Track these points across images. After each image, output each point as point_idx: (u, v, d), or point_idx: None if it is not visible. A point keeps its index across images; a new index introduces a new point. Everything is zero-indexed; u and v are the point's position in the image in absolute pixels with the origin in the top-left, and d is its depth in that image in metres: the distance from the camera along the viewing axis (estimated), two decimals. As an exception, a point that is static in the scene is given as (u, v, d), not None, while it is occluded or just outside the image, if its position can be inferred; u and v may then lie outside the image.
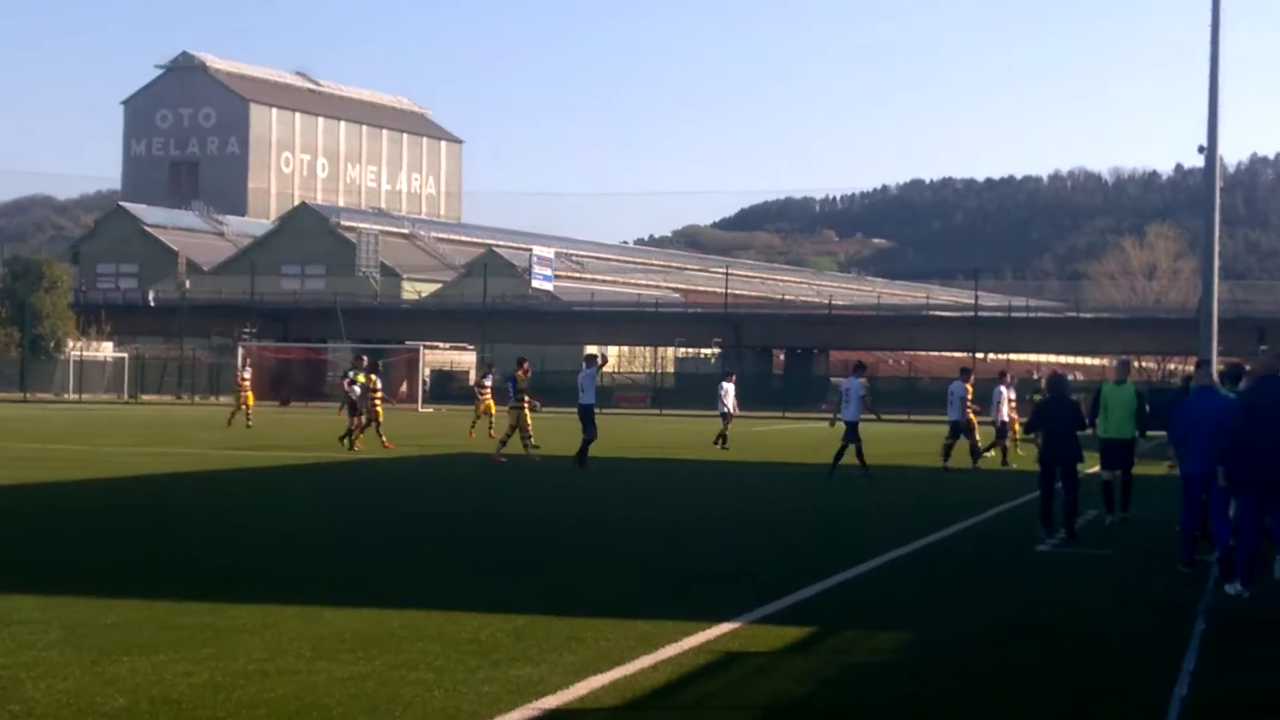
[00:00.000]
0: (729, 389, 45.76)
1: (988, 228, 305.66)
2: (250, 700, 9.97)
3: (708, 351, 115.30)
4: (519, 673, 11.02)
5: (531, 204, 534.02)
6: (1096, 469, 24.83)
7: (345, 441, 40.64)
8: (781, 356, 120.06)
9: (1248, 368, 18.94)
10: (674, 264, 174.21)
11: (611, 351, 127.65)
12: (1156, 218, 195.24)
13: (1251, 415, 15.99)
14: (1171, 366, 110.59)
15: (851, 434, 32.67)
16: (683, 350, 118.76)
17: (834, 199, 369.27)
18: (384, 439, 41.52)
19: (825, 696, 10.76)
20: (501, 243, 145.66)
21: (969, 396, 38.02)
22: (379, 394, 42.36)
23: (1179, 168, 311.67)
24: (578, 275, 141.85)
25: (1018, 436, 39.36)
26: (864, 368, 37.15)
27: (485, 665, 11.28)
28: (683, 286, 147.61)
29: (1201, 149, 55.37)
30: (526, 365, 38.88)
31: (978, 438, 38.50)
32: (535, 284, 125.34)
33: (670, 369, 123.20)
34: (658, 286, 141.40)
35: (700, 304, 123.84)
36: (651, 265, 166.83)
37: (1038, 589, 16.37)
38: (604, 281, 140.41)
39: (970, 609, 14.79)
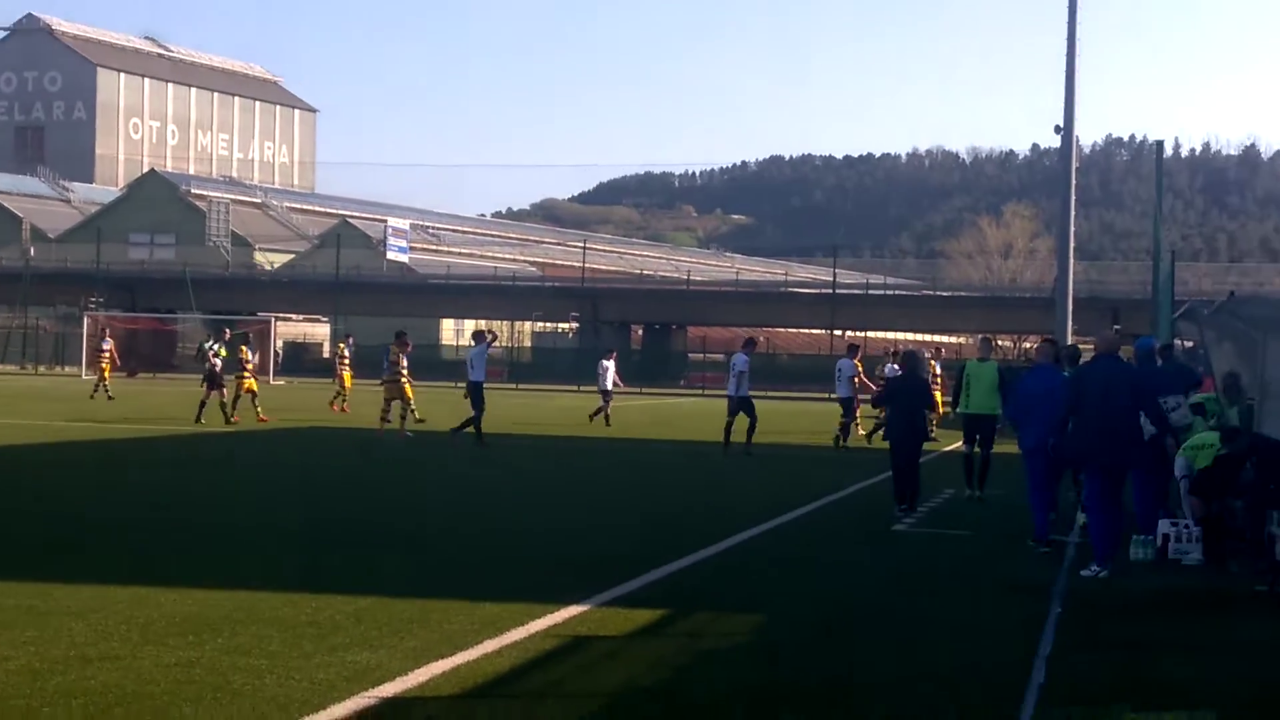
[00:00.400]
0: (609, 366, 45.24)
1: (846, 205, 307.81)
2: (68, 688, 9.51)
3: (565, 326, 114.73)
4: (357, 658, 10.65)
5: (386, 175, 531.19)
6: (959, 445, 24.83)
7: (201, 414, 39.72)
8: (639, 332, 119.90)
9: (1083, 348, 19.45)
10: (531, 238, 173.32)
11: (467, 325, 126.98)
12: (1013, 197, 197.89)
13: (1080, 392, 16.33)
14: (1027, 345, 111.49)
15: (742, 408, 33.18)
16: (540, 325, 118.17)
17: (693, 174, 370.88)
18: (259, 411, 40.83)
19: (673, 684, 10.47)
20: (356, 214, 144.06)
21: (859, 374, 37.87)
22: (251, 365, 41.89)
23: (1035, 148, 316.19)
24: (433, 248, 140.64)
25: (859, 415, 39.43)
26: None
27: (322, 650, 10.89)
28: (540, 260, 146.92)
29: (1058, 129, 55.74)
30: (407, 339, 38.63)
31: (858, 418, 38.35)
32: (390, 256, 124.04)
33: (528, 343, 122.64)
34: (515, 260, 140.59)
35: (558, 278, 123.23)
36: (508, 239, 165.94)
37: (893, 571, 16.17)
38: (460, 254, 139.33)
39: (824, 591, 14.58)
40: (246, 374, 41.34)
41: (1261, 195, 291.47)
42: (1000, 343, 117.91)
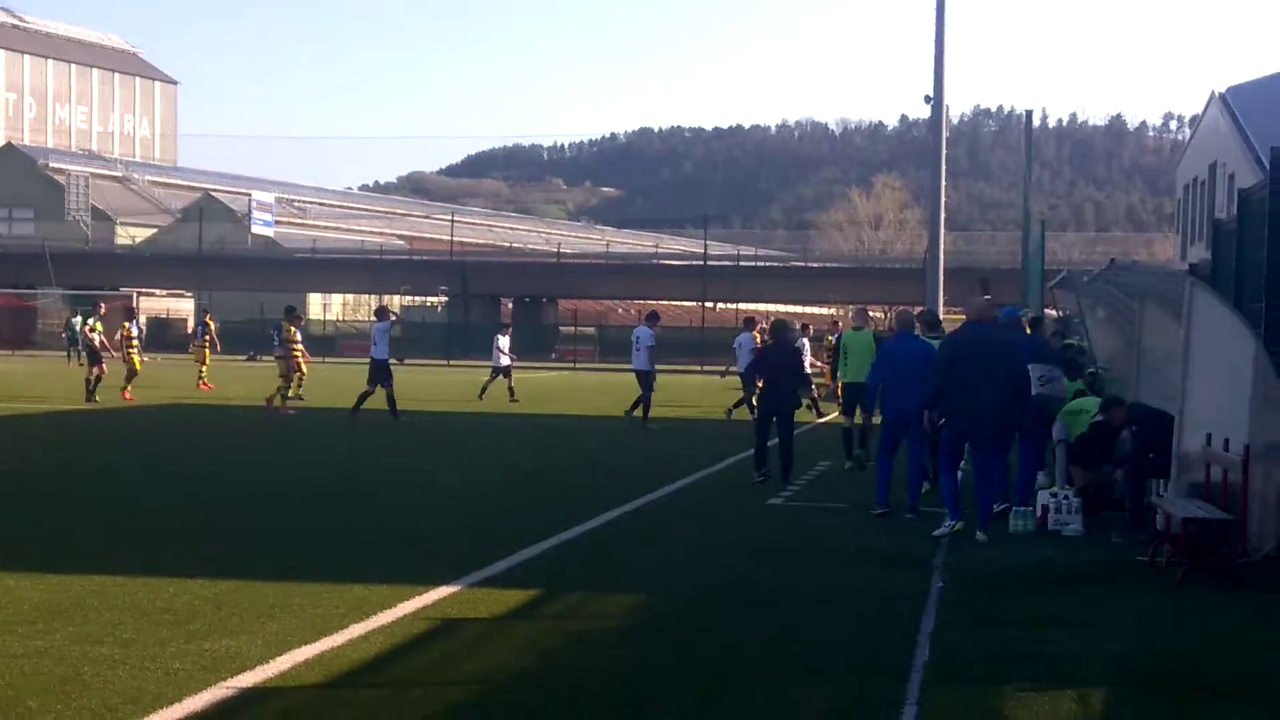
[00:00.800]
0: (504, 341, 44.55)
1: (716, 177, 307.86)
2: (-96, 684, 9.01)
3: (435, 300, 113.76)
4: (215, 646, 10.21)
5: (250, 148, 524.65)
6: (836, 416, 24.66)
7: (91, 391, 39.04)
8: (510, 305, 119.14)
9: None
10: (399, 210, 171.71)
11: (335, 300, 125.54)
12: (882, 169, 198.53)
13: (952, 359, 16.53)
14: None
15: (644, 383, 33.33)
16: (409, 299, 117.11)
17: (562, 147, 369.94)
18: (127, 389, 39.87)
19: (543, 668, 10.10)
20: (219, 187, 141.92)
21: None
22: (136, 342, 40.69)
23: (904, 119, 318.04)
24: (299, 221, 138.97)
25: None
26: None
27: (178, 638, 10.44)
28: (409, 234, 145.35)
29: (928, 99, 55.94)
30: (299, 314, 38.70)
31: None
32: (255, 230, 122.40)
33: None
34: (382, 234, 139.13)
35: (426, 251, 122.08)
36: (375, 212, 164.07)
37: (769, 546, 15.88)
38: (326, 228, 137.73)
39: (697, 568, 14.24)
40: (133, 350, 40.28)
41: (1128, 166, 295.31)
42: (873, 313, 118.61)
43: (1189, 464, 15.00)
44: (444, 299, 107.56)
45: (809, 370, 34.76)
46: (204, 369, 47.93)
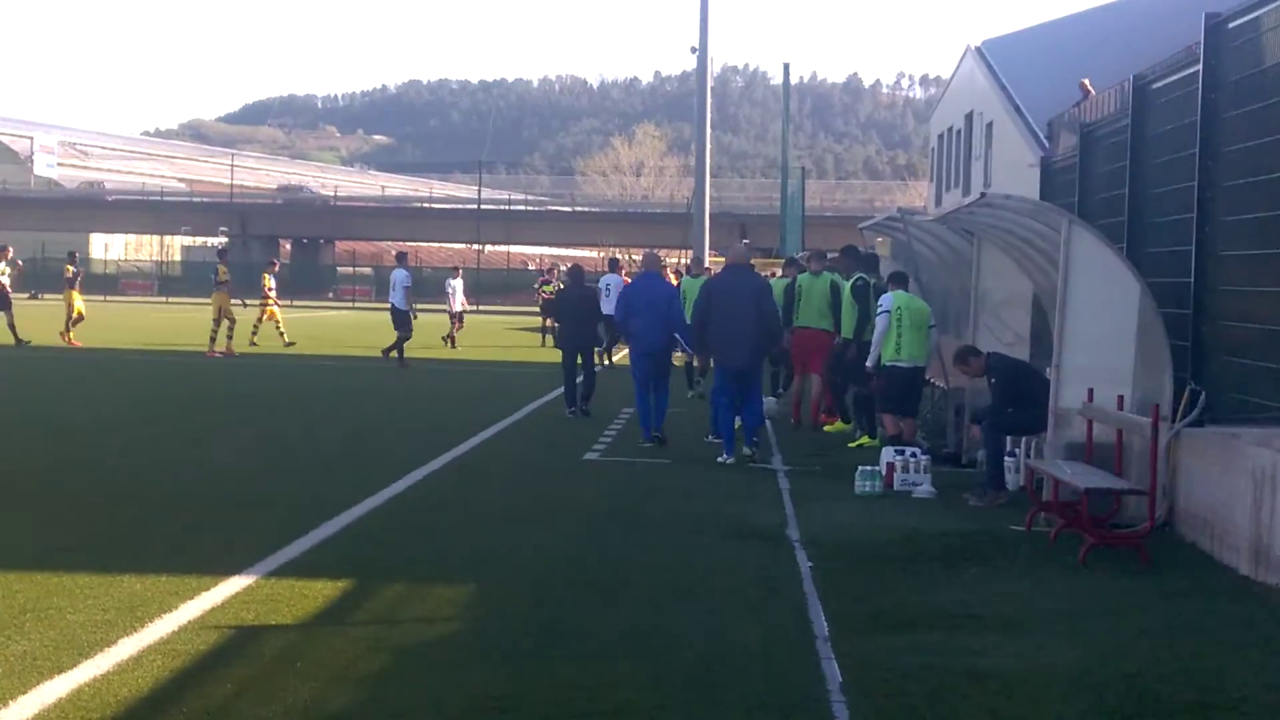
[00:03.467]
0: (456, 285, 41.15)
1: (482, 127, 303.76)
2: None
3: (215, 241, 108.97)
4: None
5: (32, 91, 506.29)
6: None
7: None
8: (288, 246, 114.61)
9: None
10: (180, 154, 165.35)
11: (116, 241, 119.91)
12: (638, 120, 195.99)
13: (708, 301, 17.02)
14: (674, 260, 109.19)
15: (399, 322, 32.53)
16: (190, 239, 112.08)
17: (335, 97, 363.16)
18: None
19: (367, 706, 7.21)
20: (3, 131, 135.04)
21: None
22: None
23: (658, 75, 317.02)
24: (82, 165, 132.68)
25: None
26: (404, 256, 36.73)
27: None
28: (189, 178, 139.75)
29: (694, 49, 53.88)
30: (274, 261, 39.55)
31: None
32: (38, 171, 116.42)
33: (177, 257, 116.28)
34: (164, 177, 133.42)
35: (206, 194, 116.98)
36: (157, 155, 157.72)
37: (597, 514, 13.18)
38: (109, 171, 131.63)
39: (526, 547, 11.45)
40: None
41: (864, 120, 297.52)
42: (631, 255, 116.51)
43: (1067, 421, 12.64)
44: (224, 240, 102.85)
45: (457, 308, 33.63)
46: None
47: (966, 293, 18.46)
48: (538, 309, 38.66)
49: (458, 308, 41.39)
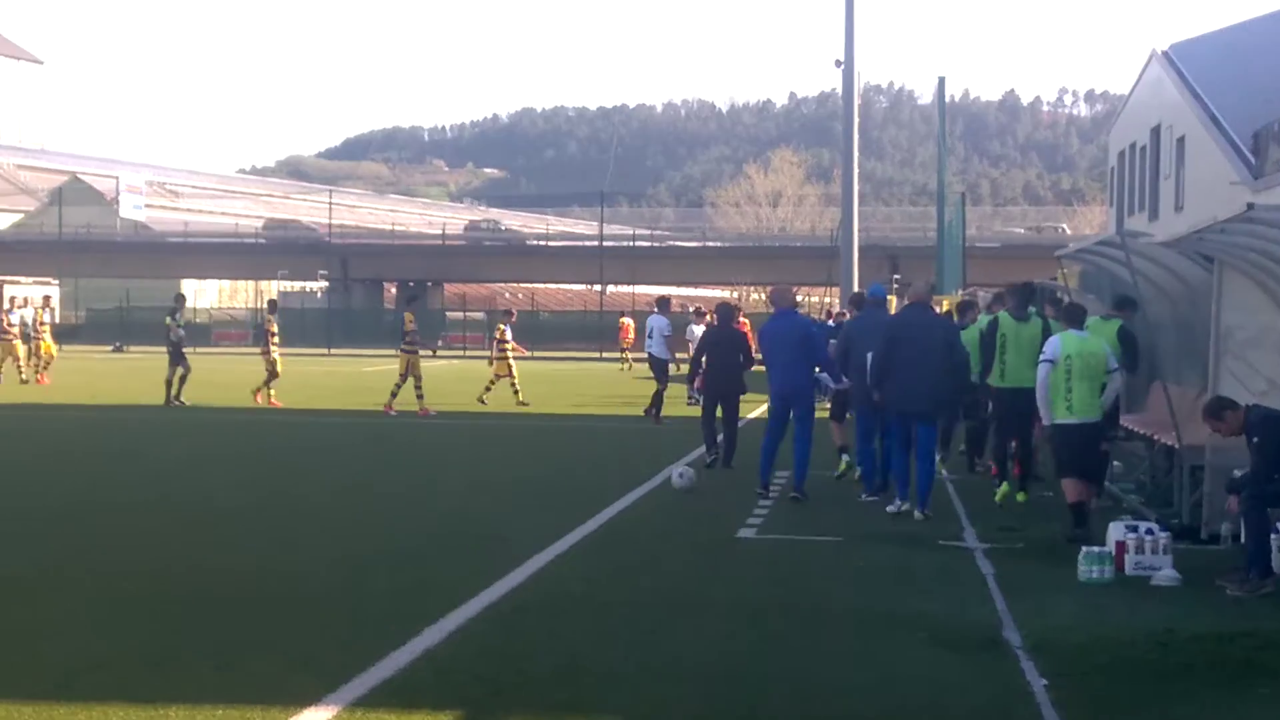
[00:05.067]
0: (698, 331, 35.69)
1: (602, 157, 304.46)
2: None
3: (314, 286, 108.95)
4: None
5: (121, 130, 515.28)
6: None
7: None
8: (393, 290, 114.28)
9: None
10: (276, 193, 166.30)
11: (210, 286, 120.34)
12: (771, 146, 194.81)
13: (894, 341, 16.99)
14: (815, 298, 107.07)
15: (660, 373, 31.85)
16: (286, 285, 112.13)
17: (443, 128, 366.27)
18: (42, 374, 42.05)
19: None
20: (87, 170, 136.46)
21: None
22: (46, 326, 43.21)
23: (793, 96, 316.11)
24: (171, 206, 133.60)
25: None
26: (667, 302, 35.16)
27: None
28: (286, 218, 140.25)
29: (839, 63, 52.59)
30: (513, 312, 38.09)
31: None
32: (124, 213, 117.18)
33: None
34: (259, 218, 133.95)
35: (304, 235, 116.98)
36: (252, 194, 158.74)
37: (767, 611, 11.58)
38: (200, 211, 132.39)
39: (689, 657, 9.89)
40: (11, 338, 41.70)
41: (1023, 141, 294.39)
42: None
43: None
44: (324, 284, 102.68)
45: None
46: (37, 360, 43.13)
47: (1192, 328, 16.74)
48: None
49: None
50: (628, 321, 62.41)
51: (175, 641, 10.18)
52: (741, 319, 31.12)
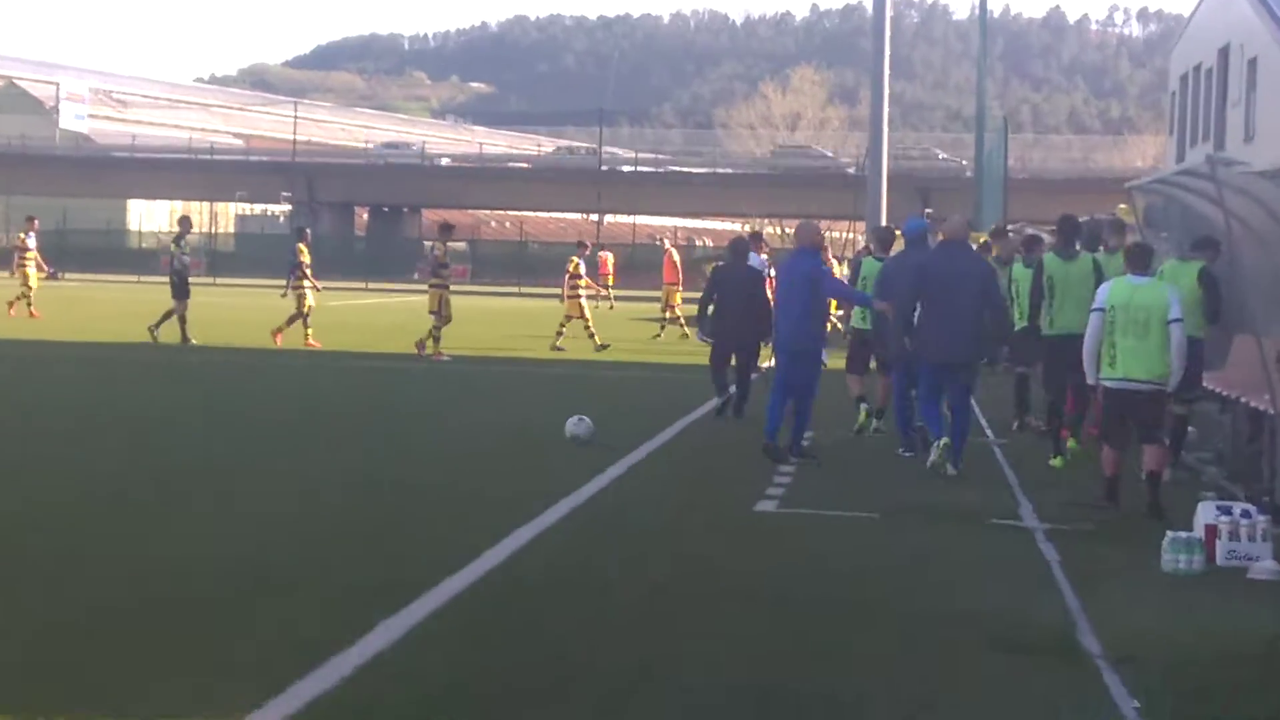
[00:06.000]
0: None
1: (601, 72, 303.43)
2: None
3: (276, 209, 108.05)
4: None
5: (64, 30, 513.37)
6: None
7: None
8: (365, 216, 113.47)
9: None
10: (235, 104, 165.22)
11: (160, 207, 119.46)
12: (790, 63, 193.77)
13: (920, 282, 17.09)
14: (837, 233, 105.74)
15: None
16: (245, 207, 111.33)
17: (425, 36, 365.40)
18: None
19: None
20: (24, 75, 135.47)
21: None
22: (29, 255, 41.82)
23: (814, 9, 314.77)
24: (118, 117, 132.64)
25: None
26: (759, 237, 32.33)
27: None
28: (247, 132, 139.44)
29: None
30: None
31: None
32: (64, 124, 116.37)
33: (230, 229, 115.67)
34: (216, 131, 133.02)
35: (266, 151, 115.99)
36: (209, 105, 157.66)
37: (795, 606, 10.79)
38: (150, 124, 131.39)
39: (692, 661, 9.05)
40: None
41: (1068, 64, 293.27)
42: (789, 229, 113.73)
43: None
44: (287, 207, 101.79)
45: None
46: (27, 292, 42.21)
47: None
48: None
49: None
50: (606, 256, 61.98)
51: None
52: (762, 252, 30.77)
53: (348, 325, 37.46)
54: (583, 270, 35.17)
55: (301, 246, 34.71)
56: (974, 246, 21.78)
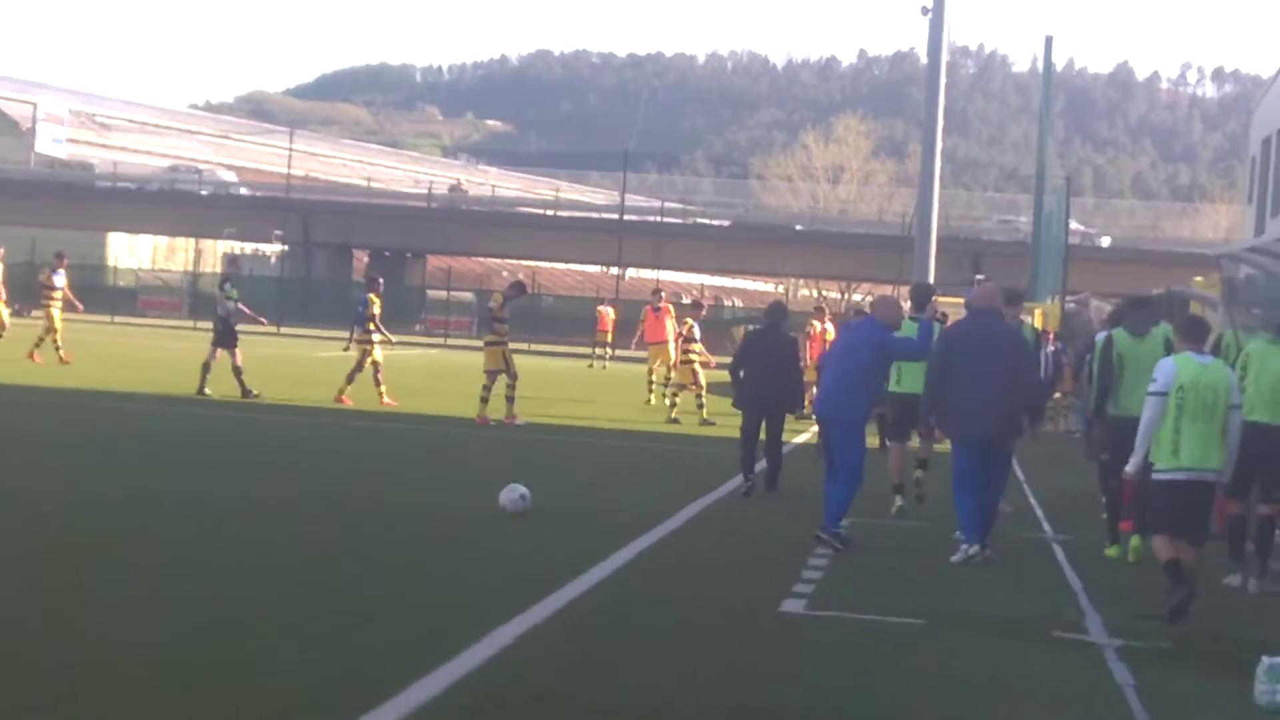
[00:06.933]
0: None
1: (629, 114, 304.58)
2: None
3: (269, 248, 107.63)
4: None
5: (46, 47, 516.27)
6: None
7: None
8: (365, 259, 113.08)
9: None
10: (231, 133, 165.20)
11: (144, 243, 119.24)
12: (834, 112, 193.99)
13: (947, 353, 17.25)
14: (859, 296, 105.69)
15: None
16: (234, 245, 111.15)
17: (439, 69, 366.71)
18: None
19: None
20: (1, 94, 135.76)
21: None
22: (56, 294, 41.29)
23: (862, 54, 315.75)
24: (100, 142, 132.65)
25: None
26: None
27: None
28: (241, 164, 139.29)
29: (925, 10, 50.88)
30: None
31: None
32: (40, 147, 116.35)
33: (217, 268, 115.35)
34: (207, 162, 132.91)
35: (259, 185, 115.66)
36: (202, 134, 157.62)
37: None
38: (136, 151, 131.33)
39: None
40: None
41: (1135, 124, 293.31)
42: (827, 293, 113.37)
43: None
44: (279, 247, 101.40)
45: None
46: (54, 333, 41.63)
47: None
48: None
49: None
50: (606, 310, 61.90)
51: None
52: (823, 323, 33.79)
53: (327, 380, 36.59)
54: (697, 334, 34.79)
55: (373, 297, 34.64)
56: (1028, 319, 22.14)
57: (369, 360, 33.81)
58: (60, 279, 41.57)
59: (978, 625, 13.49)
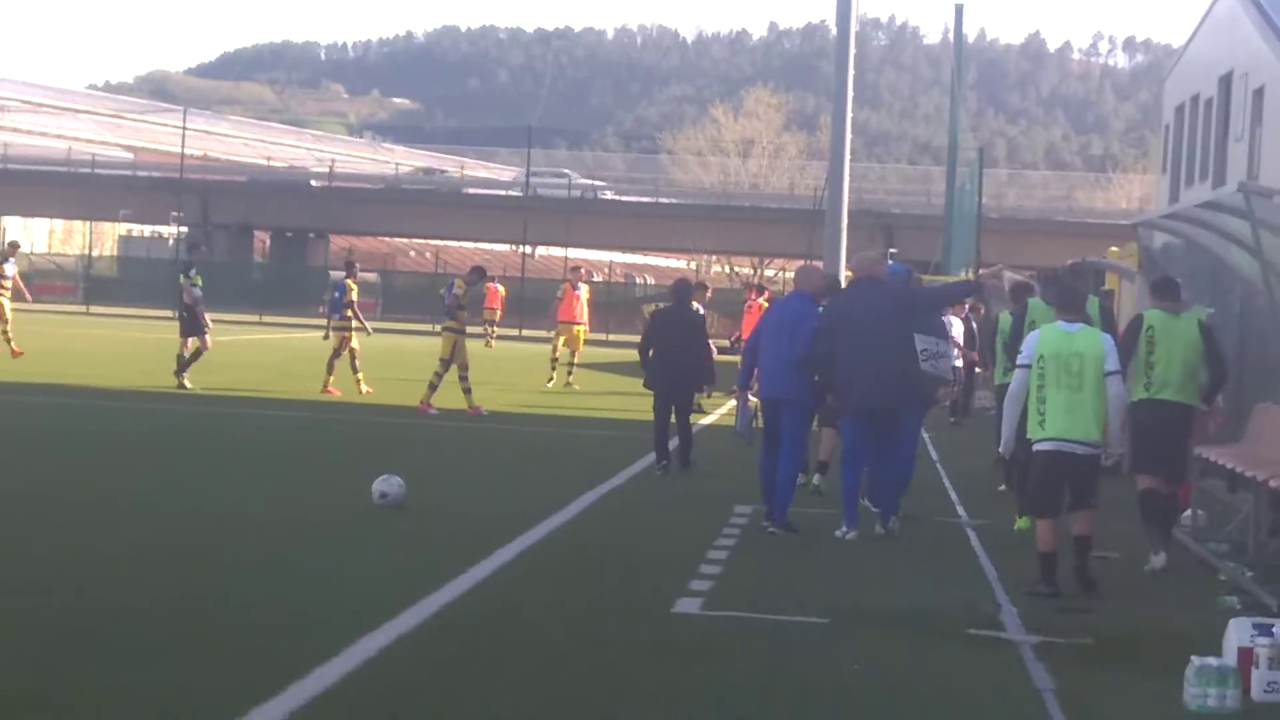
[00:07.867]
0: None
1: (537, 90, 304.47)
2: None
3: (167, 231, 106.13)
4: None
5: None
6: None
7: None
8: (265, 241, 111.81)
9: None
10: (127, 113, 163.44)
11: (38, 226, 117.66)
12: (744, 85, 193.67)
13: (833, 327, 17.09)
14: (774, 271, 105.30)
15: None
16: (129, 228, 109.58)
17: (344, 46, 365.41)
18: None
19: None
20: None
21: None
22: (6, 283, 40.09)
23: (773, 28, 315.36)
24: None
25: None
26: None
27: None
28: (140, 145, 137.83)
29: (831, -21, 50.38)
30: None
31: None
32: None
33: (111, 252, 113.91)
34: (104, 143, 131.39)
35: (155, 166, 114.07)
36: (98, 114, 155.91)
37: None
38: (31, 133, 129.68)
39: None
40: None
41: (1047, 95, 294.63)
42: (739, 269, 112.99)
43: None
44: (179, 229, 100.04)
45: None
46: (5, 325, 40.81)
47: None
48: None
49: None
50: (496, 287, 61.33)
51: None
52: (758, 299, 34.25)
53: (244, 364, 35.82)
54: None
55: (350, 283, 34.61)
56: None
57: (347, 348, 33.68)
58: (11, 268, 40.63)
59: (885, 622, 12.78)
